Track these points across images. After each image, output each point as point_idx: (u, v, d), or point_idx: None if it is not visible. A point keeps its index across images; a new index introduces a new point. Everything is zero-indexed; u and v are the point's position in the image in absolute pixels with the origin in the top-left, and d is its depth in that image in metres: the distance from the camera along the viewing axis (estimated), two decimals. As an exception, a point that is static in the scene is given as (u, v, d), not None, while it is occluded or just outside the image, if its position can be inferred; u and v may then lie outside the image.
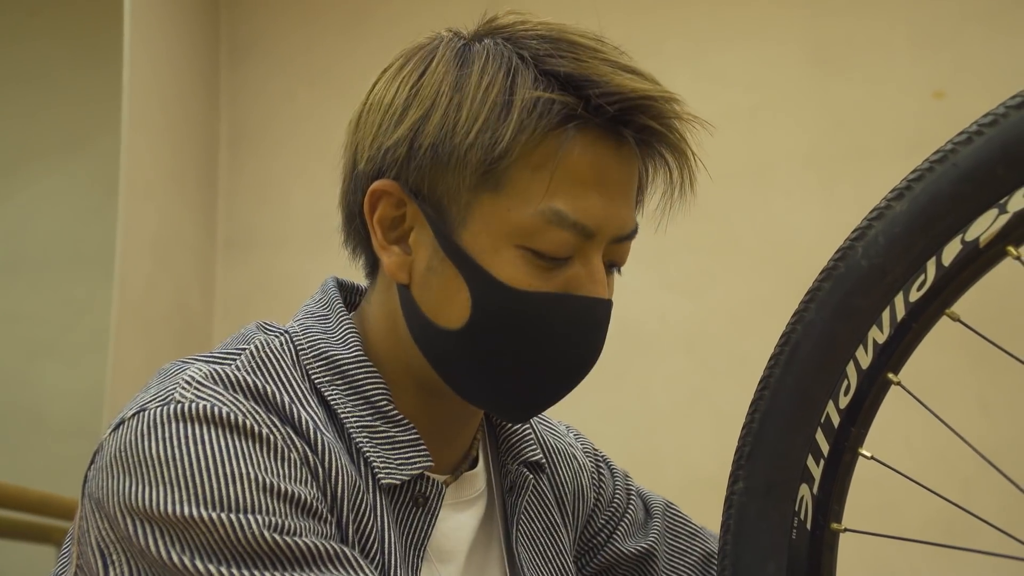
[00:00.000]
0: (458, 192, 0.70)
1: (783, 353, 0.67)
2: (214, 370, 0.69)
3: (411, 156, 0.70)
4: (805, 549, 0.65)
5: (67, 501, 1.84)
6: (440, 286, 0.71)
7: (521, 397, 0.74)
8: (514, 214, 0.69)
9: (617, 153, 0.71)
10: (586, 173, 0.70)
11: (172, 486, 0.62)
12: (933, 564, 2.10)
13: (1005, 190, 0.60)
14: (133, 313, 2.26)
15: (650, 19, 2.53)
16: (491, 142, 0.67)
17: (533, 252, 0.69)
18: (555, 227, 0.69)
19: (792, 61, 2.46)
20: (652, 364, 2.39)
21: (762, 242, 2.39)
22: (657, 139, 0.72)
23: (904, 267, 0.63)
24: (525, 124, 0.67)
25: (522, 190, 0.69)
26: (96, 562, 0.65)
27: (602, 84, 0.68)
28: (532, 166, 0.69)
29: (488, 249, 0.70)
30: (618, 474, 0.96)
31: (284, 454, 0.65)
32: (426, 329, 0.73)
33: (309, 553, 0.62)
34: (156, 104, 2.45)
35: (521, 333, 0.70)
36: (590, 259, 0.71)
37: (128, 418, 0.66)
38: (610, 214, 0.71)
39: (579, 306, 0.71)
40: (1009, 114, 0.60)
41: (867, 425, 0.66)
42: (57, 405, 2.34)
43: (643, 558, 0.92)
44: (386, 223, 0.74)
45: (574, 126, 0.68)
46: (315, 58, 2.76)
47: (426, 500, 0.74)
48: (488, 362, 0.71)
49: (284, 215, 2.68)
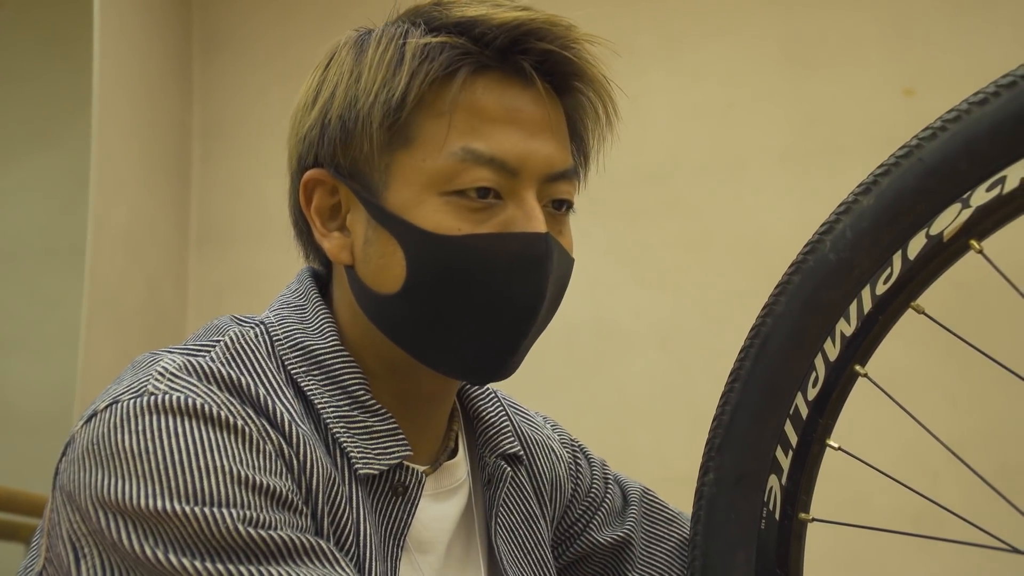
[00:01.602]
0: (373, 157, 0.72)
1: (753, 346, 0.68)
2: (188, 361, 0.68)
3: (324, 135, 0.73)
4: (774, 539, 0.66)
5: (35, 497, 1.82)
6: (378, 254, 0.72)
7: (479, 351, 0.73)
8: (428, 163, 0.70)
9: (526, 91, 0.72)
10: (495, 111, 0.71)
11: (145, 479, 0.61)
12: (901, 554, 2.13)
13: (968, 185, 0.61)
14: (104, 308, 2.24)
15: (624, 15, 2.54)
16: (388, 96, 0.70)
17: (457, 195, 0.70)
18: (471, 165, 0.70)
19: (765, 58, 2.47)
20: (626, 359, 2.40)
21: (736, 237, 2.41)
22: (561, 68, 0.74)
23: (871, 261, 0.64)
24: (417, 71, 0.70)
25: (431, 138, 0.70)
26: (67, 556, 0.64)
27: (487, 21, 0.71)
28: (435, 113, 0.71)
29: (412, 203, 0.71)
30: (595, 463, 0.97)
31: (259, 446, 0.65)
32: (375, 302, 0.73)
33: (284, 546, 0.62)
34: (127, 98, 2.43)
35: (459, 280, 0.70)
36: (522, 197, 0.71)
37: (101, 410, 0.65)
38: (531, 149, 0.72)
39: (515, 243, 0.70)
40: (972, 110, 0.61)
41: (835, 416, 0.67)
42: (26, 400, 2.31)
43: (619, 546, 0.92)
44: (324, 213, 0.75)
45: (469, 67, 0.70)
46: (289, 53, 2.74)
47: (406, 489, 0.74)
48: (436, 317, 0.71)
49: (257, 210, 2.67)
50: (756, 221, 2.40)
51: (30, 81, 2.46)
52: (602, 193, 2.52)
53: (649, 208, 2.45)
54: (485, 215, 0.70)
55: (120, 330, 2.31)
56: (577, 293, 2.92)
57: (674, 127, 2.49)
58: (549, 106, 0.73)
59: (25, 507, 1.84)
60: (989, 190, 0.61)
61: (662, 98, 2.50)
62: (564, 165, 0.74)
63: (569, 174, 0.75)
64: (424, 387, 0.77)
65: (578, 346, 2.41)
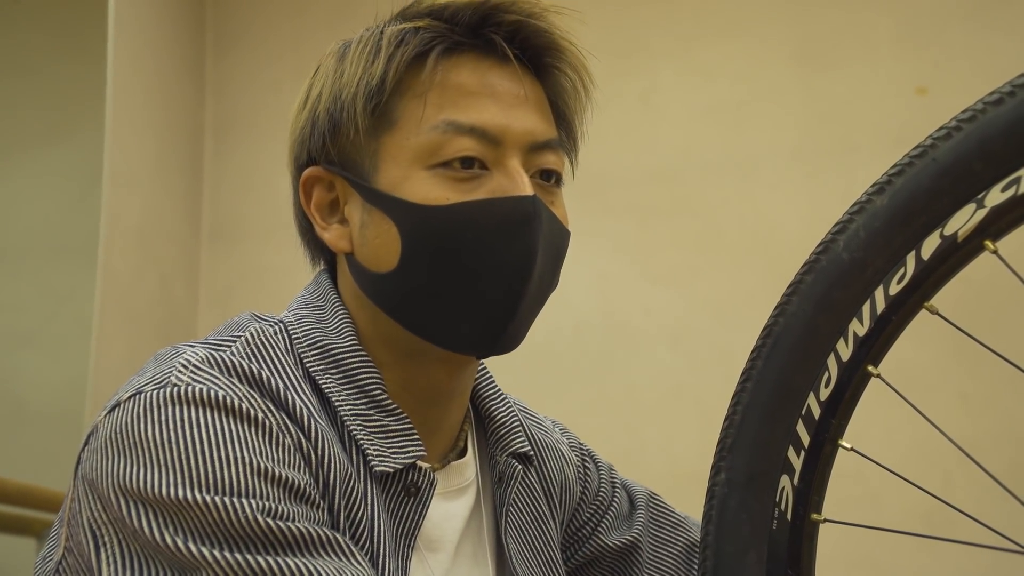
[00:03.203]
0: (361, 143, 0.75)
1: (765, 345, 0.68)
2: (210, 354, 0.69)
3: (314, 132, 0.77)
4: (785, 539, 0.66)
5: (48, 492, 1.83)
6: (373, 235, 0.74)
7: (477, 318, 0.73)
8: (413, 140, 0.73)
9: (503, 68, 0.76)
10: (473, 86, 0.74)
11: (167, 468, 0.62)
12: (912, 554, 2.12)
13: (983, 185, 0.61)
14: (116, 303, 2.25)
15: (636, 14, 2.53)
16: (369, 81, 0.74)
17: (443, 167, 0.73)
18: (453, 136, 0.73)
19: (777, 57, 2.47)
20: (637, 357, 2.40)
21: (747, 236, 2.40)
22: (532, 41, 0.77)
23: (884, 261, 0.64)
24: (393, 55, 0.74)
25: (413, 117, 0.74)
26: (88, 543, 0.65)
27: (456, 4, 0.75)
28: (415, 94, 0.74)
29: (401, 180, 0.73)
30: (603, 467, 0.97)
31: (278, 439, 0.66)
32: (374, 282, 0.75)
33: (301, 538, 0.62)
34: (141, 94, 2.43)
35: (451, 249, 0.72)
36: (507, 166, 0.74)
37: (124, 400, 0.66)
38: (511, 119, 0.74)
39: (503, 206, 0.72)
40: (987, 110, 0.60)
41: (847, 417, 0.67)
42: (38, 395, 2.33)
43: (627, 550, 0.93)
44: (324, 209, 0.78)
45: (442, 45, 0.74)
46: (301, 48, 2.75)
47: (418, 489, 0.74)
48: (433, 289, 0.73)
49: (269, 206, 2.67)
50: (768, 220, 2.39)
51: (44, 76, 2.47)
52: (613, 191, 2.53)
53: (660, 206, 2.44)
54: (472, 184, 0.73)
55: (132, 325, 2.32)
56: (587, 290, 2.93)
57: (686, 125, 2.48)
58: (527, 83, 0.77)
59: (38, 502, 1.85)
60: (1004, 190, 0.60)
61: (674, 96, 2.50)
62: (547, 135, 0.76)
63: (553, 144, 0.77)
64: (434, 376, 0.77)
65: (588, 344, 2.40)
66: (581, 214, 2.57)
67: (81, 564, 0.67)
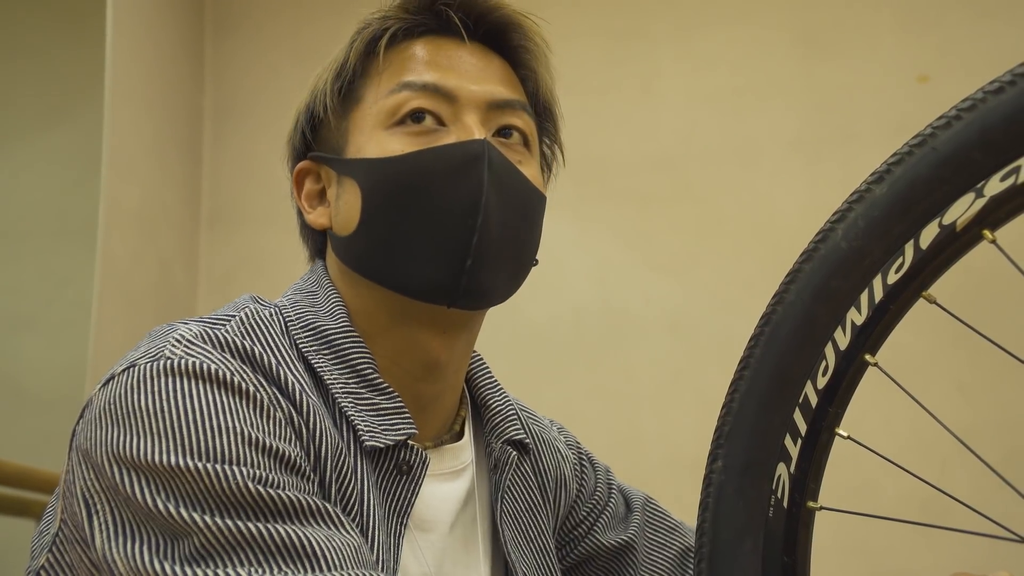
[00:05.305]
0: (331, 124, 0.80)
1: (763, 333, 0.68)
2: (204, 330, 0.71)
3: (297, 128, 0.84)
4: (781, 527, 0.66)
5: (46, 474, 1.83)
6: (344, 203, 0.78)
7: (435, 261, 0.74)
8: (375, 107, 0.78)
9: (463, 47, 0.80)
10: (431, 58, 0.79)
11: (160, 436, 0.63)
12: (908, 542, 2.13)
13: (982, 174, 0.61)
14: (115, 287, 2.25)
15: (636, 1, 2.53)
16: (335, 67, 0.81)
17: (399, 125, 0.77)
18: (409, 95, 0.77)
19: (778, 44, 2.46)
20: (636, 345, 2.40)
21: (747, 224, 2.40)
22: (487, 17, 0.80)
23: (883, 249, 0.64)
24: (355, 40, 0.81)
25: (376, 89, 0.79)
26: (80, 512, 0.65)
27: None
28: (378, 73, 0.80)
29: (364, 143, 0.77)
30: (600, 469, 0.98)
31: (269, 412, 0.67)
32: (347, 246, 0.78)
33: (292, 506, 0.63)
34: (139, 77, 2.43)
35: (405, 195, 0.74)
36: (464, 122, 0.77)
37: (118, 373, 0.67)
38: (469, 80, 0.78)
39: (452, 151, 0.75)
40: (987, 99, 0.60)
41: (844, 405, 0.67)
42: (38, 379, 2.33)
43: (622, 550, 0.94)
44: (313, 198, 0.83)
45: (397, 24, 0.80)
46: (301, 33, 2.74)
47: (410, 468, 0.75)
48: (392, 237, 0.75)
49: (269, 190, 2.67)
50: (767, 208, 2.39)
51: (43, 59, 2.46)
52: (613, 178, 2.53)
53: (660, 193, 2.44)
54: (428, 138, 0.76)
55: (131, 309, 2.32)
56: (586, 277, 2.94)
57: (686, 113, 2.48)
58: (488, 58, 0.81)
59: (37, 484, 1.85)
60: (1003, 180, 0.60)
61: (674, 83, 2.49)
62: (508, 95, 0.79)
63: (515, 104, 0.79)
64: (424, 343, 0.78)
65: (586, 331, 2.41)
66: (580, 201, 2.58)
67: (76, 534, 0.68)
